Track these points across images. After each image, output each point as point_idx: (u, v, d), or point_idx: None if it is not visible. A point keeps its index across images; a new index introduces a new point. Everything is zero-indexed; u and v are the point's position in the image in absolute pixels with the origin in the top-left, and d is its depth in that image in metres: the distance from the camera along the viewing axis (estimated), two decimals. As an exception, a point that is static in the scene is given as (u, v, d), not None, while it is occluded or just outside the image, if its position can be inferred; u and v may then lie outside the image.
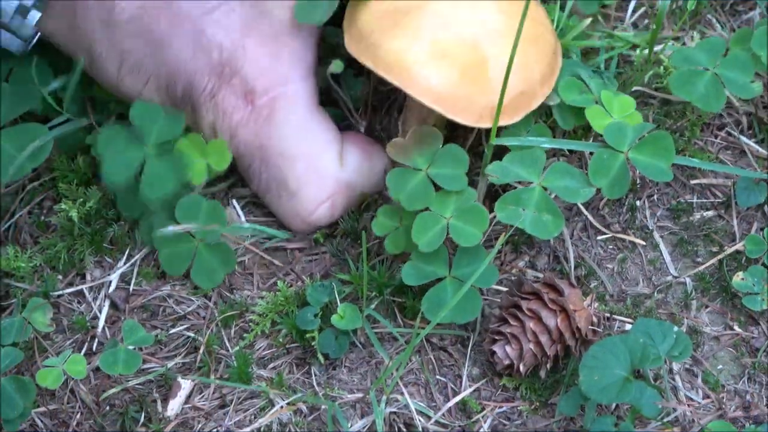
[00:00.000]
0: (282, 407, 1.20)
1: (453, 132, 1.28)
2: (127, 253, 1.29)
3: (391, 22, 1.17)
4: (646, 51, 1.32)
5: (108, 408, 1.22)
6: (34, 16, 1.20)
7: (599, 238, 1.28)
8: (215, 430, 1.20)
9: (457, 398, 1.21)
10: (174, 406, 1.21)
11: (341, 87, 1.28)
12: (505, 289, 1.24)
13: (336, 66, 1.23)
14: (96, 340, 1.25)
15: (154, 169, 1.23)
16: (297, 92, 1.22)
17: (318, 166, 1.24)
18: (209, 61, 1.20)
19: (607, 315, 1.23)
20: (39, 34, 1.22)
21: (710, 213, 1.29)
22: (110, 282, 1.28)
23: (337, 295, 1.22)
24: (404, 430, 1.19)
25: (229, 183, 1.31)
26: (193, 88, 1.21)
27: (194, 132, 1.24)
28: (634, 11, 1.40)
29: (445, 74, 1.16)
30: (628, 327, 1.23)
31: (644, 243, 1.28)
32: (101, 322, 1.26)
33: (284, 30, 1.21)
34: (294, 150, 1.23)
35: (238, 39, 1.20)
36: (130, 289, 1.28)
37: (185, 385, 1.22)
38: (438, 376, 1.22)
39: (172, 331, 1.25)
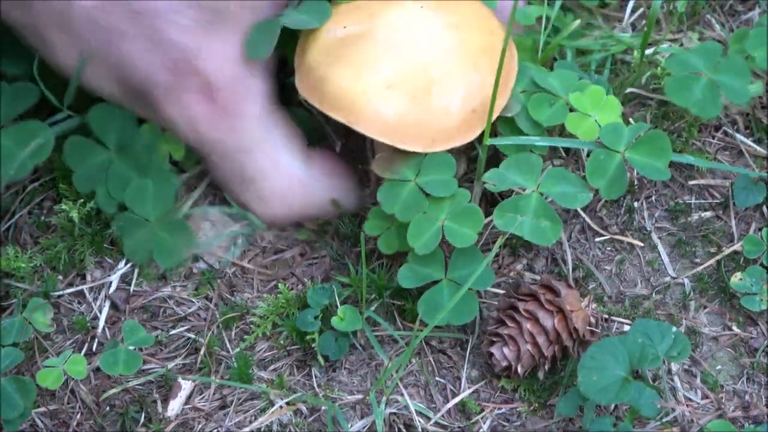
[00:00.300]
0: (282, 408, 1.20)
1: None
2: (127, 253, 1.29)
3: (338, 55, 1.17)
4: (646, 51, 1.32)
5: (108, 408, 1.22)
6: None
7: (597, 239, 1.28)
8: (215, 430, 1.20)
9: (457, 399, 1.21)
10: (174, 406, 1.21)
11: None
12: (502, 291, 1.24)
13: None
14: (96, 340, 1.25)
15: (117, 171, 1.26)
16: (255, 89, 1.22)
17: (277, 160, 1.24)
18: (167, 57, 1.19)
19: (605, 316, 1.23)
20: None
21: (708, 214, 1.29)
22: (111, 282, 1.28)
23: (337, 298, 1.22)
24: (404, 430, 1.19)
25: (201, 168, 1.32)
26: (151, 82, 1.20)
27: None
28: (632, 12, 1.39)
29: (394, 104, 1.15)
30: (626, 328, 1.23)
31: (642, 244, 1.28)
32: (101, 323, 1.26)
33: (240, 29, 1.21)
34: (253, 144, 1.23)
35: (195, 37, 1.19)
36: (131, 290, 1.28)
37: (185, 385, 1.22)
38: (437, 378, 1.23)
39: (173, 332, 1.26)
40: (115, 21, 1.18)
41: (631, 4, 1.39)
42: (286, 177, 1.25)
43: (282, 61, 1.27)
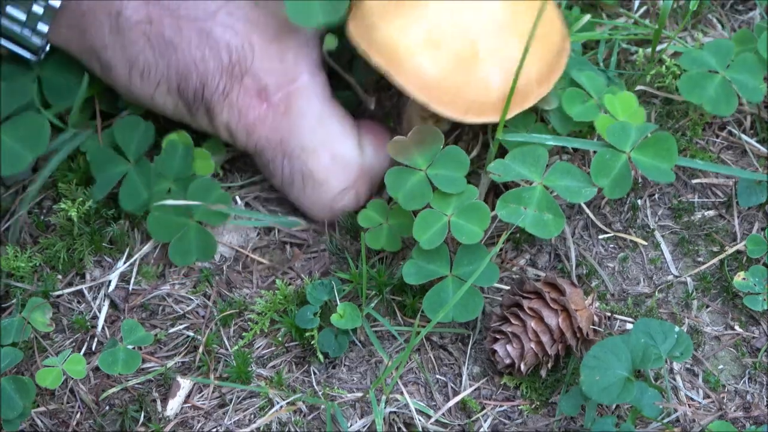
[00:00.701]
0: (281, 407, 1.20)
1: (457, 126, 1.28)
2: (126, 252, 1.29)
3: (393, 6, 1.17)
4: (648, 50, 1.31)
5: (107, 408, 1.21)
6: (43, 27, 1.20)
7: (600, 237, 1.28)
8: (215, 429, 1.20)
9: (458, 398, 1.20)
10: (173, 405, 1.21)
11: (353, 71, 1.28)
12: (506, 287, 1.24)
13: (328, 42, 1.23)
14: (96, 339, 1.25)
15: (131, 183, 1.27)
16: (309, 86, 1.23)
17: (341, 156, 1.25)
18: (219, 61, 1.20)
19: (608, 314, 1.23)
20: (49, 44, 1.23)
21: (711, 212, 1.29)
22: (110, 281, 1.28)
23: (336, 294, 1.22)
24: (404, 429, 1.19)
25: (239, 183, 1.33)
26: (206, 88, 1.21)
27: (212, 135, 1.27)
28: (636, 11, 1.39)
29: (437, 63, 1.15)
30: (629, 326, 1.23)
31: (645, 242, 1.27)
32: (101, 322, 1.26)
33: (287, 28, 1.21)
34: (315, 142, 1.24)
35: (245, 38, 1.20)
36: (130, 289, 1.27)
37: (185, 384, 1.21)
38: (438, 375, 1.22)
39: (172, 330, 1.25)
40: (165, 33, 1.18)
41: (636, 3, 1.39)
42: (353, 170, 1.26)
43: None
